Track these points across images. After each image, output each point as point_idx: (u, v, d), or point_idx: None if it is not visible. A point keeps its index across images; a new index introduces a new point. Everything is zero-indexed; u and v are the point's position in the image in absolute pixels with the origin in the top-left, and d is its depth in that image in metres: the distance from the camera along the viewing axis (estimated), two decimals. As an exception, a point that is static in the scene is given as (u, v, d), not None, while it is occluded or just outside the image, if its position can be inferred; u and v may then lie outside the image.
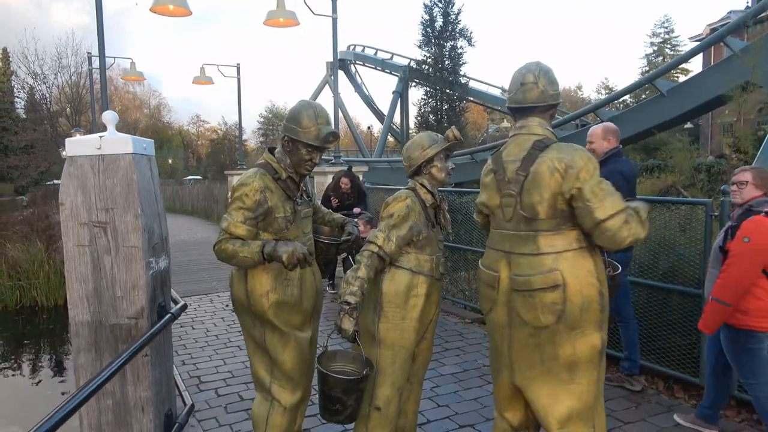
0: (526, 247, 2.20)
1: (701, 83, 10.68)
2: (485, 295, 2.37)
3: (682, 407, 3.92)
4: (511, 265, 2.24)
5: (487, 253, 2.39)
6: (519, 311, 2.21)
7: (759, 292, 3.06)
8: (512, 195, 2.23)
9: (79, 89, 38.23)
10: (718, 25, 27.11)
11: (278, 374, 2.56)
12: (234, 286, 2.55)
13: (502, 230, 2.31)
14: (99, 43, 7.43)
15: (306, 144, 2.51)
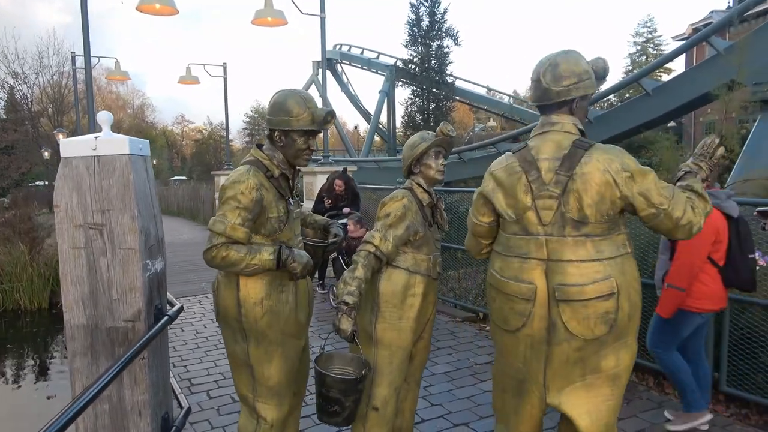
0: (574, 253, 2.00)
1: (686, 82, 10.83)
2: (514, 310, 2.07)
3: (672, 403, 3.96)
4: (554, 274, 2.01)
5: (507, 262, 2.11)
6: (567, 323, 2.01)
7: (704, 278, 3.28)
8: (553, 197, 2.02)
9: (61, 89, 37.73)
10: (700, 25, 27.48)
11: (262, 390, 2.42)
12: (220, 293, 2.38)
13: (534, 236, 2.05)
14: (84, 42, 7.34)
15: (302, 132, 2.37)
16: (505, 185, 2.12)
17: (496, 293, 2.15)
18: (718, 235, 3.25)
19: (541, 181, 2.04)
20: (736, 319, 3.86)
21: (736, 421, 3.69)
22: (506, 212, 2.13)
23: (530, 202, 2.06)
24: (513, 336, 2.11)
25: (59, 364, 10.35)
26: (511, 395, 2.24)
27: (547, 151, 2.07)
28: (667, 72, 31.66)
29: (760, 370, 3.73)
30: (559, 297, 1.99)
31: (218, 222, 2.22)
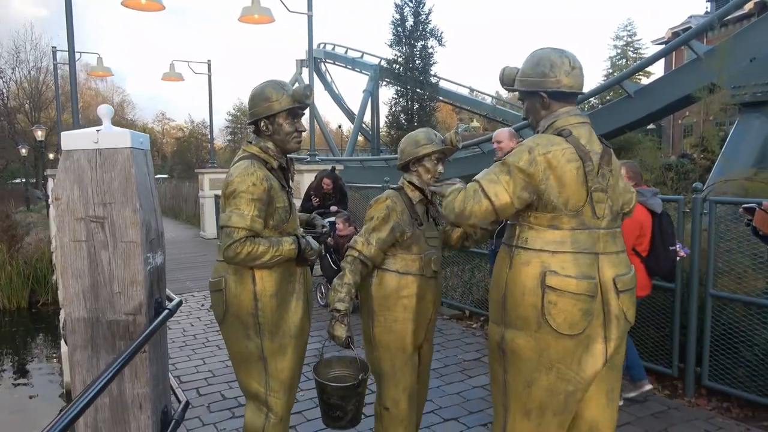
0: (616, 245, 2.06)
1: (667, 85, 11.03)
2: (582, 310, 1.94)
3: (656, 397, 4.05)
4: (607, 266, 2.01)
5: (570, 259, 1.97)
6: (627, 313, 2.04)
7: None
8: (604, 190, 2.02)
9: (39, 85, 37.06)
10: (679, 29, 27.99)
11: (275, 384, 2.45)
12: (231, 290, 2.38)
13: (590, 229, 2.00)
14: (68, 39, 7.24)
15: (287, 113, 2.40)
16: (559, 172, 1.95)
17: (558, 296, 1.93)
18: (642, 229, 3.59)
19: (594, 173, 2.00)
20: (718, 316, 3.96)
21: (718, 414, 3.79)
22: (564, 203, 1.97)
23: (587, 194, 1.98)
24: (573, 341, 1.96)
25: (40, 363, 10.19)
26: (553, 414, 2.02)
27: (593, 143, 2.05)
28: (646, 75, 32.18)
29: (741, 364, 3.84)
30: (620, 288, 2.00)
31: (236, 216, 2.21)
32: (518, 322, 2.00)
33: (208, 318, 6.42)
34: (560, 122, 2.06)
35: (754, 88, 8.91)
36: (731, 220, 4.05)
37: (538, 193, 1.97)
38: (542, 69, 2.08)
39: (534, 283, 1.96)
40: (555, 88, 2.06)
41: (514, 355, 2.02)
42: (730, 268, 3.97)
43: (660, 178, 6.54)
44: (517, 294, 1.99)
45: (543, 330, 1.95)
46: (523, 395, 2.03)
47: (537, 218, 2.00)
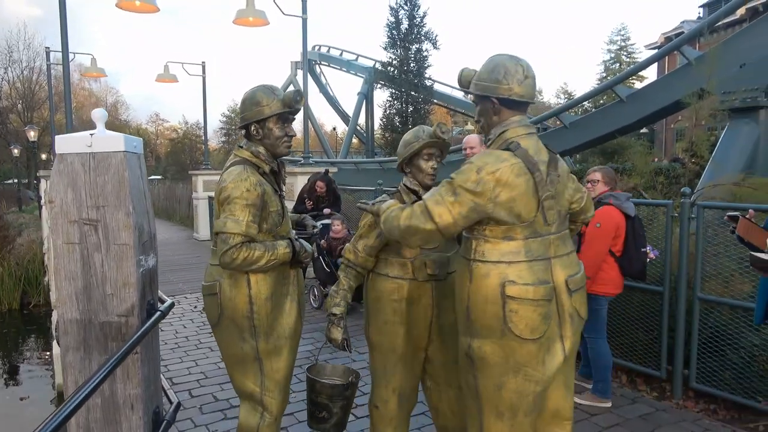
0: (566, 247, 2.18)
1: (658, 90, 11.12)
2: (541, 315, 2.03)
3: (645, 399, 4.10)
4: (560, 268, 2.11)
5: (526, 267, 2.04)
6: (579, 311, 2.16)
7: (605, 266, 3.83)
8: (553, 196, 2.12)
9: (32, 85, 36.89)
10: (672, 34, 28.19)
11: (270, 384, 2.49)
12: (225, 294, 2.40)
13: (542, 236, 2.08)
14: (62, 39, 7.24)
15: (277, 117, 2.43)
16: (509, 188, 2.01)
17: (519, 304, 2.00)
18: (618, 230, 3.81)
19: (544, 182, 2.08)
20: (705, 319, 4.02)
21: (705, 416, 3.84)
22: (517, 216, 2.03)
23: (538, 203, 2.06)
24: (536, 344, 2.04)
25: (31, 365, 10.15)
26: (524, 414, 2.11)
27: (540, 152, 2.12)
28: (639, 79, 32.39)
29: (728, 367, 3.89)
30: (572, 288, 2.11)
31: (231, 222, 2.24)
32: (483, 332, 2.07)
33: (201, 320, 6.43)
34: (509, 134, 2.12)
35: (744, 94, 9.01)
36: (719, 225, 4.10)
37: (487, 212, 2.02)
38: (496, 75, 2.13)
39: (495, 294, 2.02)
40: (506, 96, 2.12)
41: (483, 362, 2.10)
42: (717, 272, 4.03)
43: (650, 182, 6.60)
44: (480, 305, 2.06)
45: (507, 337, 2.03)
46: (494, 398, 2.11)
47: (492, 231, 2.06)
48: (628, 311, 4.48)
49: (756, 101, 8.84)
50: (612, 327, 4.56)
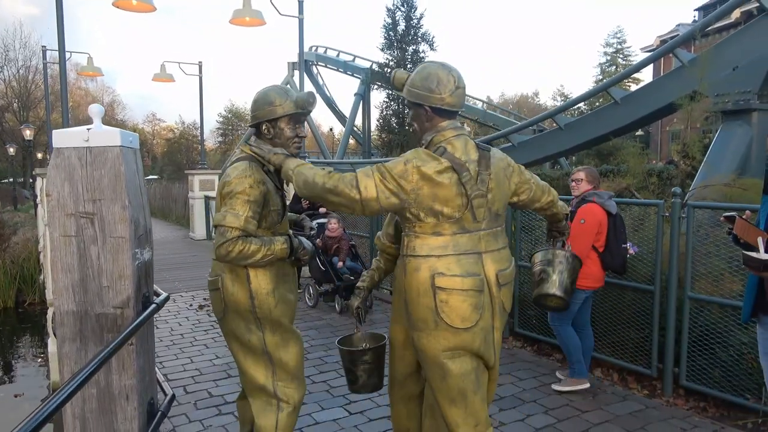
0: (497, 243, 2.30)
1: (652, 92, 11.18)
2: (472, 304, 2.16)
3: (635, 396, 4.15)
4: (491, 263, 2.23)
5: (455, 260, 2.17)
6: (505, 304, 2.30)
7: (587, 261, 3.96)
8: (483, 195, 2.22)
9: (28, 84, 36.81)
10: (667, 37, 28.31)
11: (282, 375, 2.51)
12: (227, 289, 2.41)
13: (471, 232, 2.21)
14: (59, 38, 7.25)
15: (288, 118, 2.47)
16: (432, 183, 2.13)
17: (448, 294, 2.12)
18: (600, 227, 4.00)
19: (473, 181, 2.19)
20: (695, 318, 4.06)
21: (695, 413, 3.89)
22: (440, 210, 2.15)
23: (466, 201, 2.17)
24: (469, 333, 2.16)
25: (26, 362, 10.14)
26: (473, 392, 2.26)
27: (469, 152, 2.23)
28: (635, 82, 32.53)
29: (717, 365, 3.94)
30: (501, 282, 2.26)
31: (230, 215, 2.24)
32: (420, 324, 2.19)
33: (196, 318, 6.45)
34: (438, 137, 2.24)
35: (737, 96, 9.08)
36: (710, 225, 4.15)
37: (409, 203, 2.14)
38: (429, 84, 2.23)
39: (426, 286, 2.14)
40: (438, 105, 2.23)
41: (423, 354, 2.23)
42: (707, 271, 4.07)
43: (642, 183, 6.66)
44: (414, 298, 2.18)
45: (440, 327, 2.15)
46: (442, 387, 2.23)
47: (421, 227, 2.18)
48: (619, 310, 4.53)
49: (748, 104, 8.92)
50: (603, 325, 4.61)
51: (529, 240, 5.35)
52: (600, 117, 12.79)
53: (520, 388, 4.27)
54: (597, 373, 4.59)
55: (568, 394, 4.13)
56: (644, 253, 4.44)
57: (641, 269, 4.43)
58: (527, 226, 5.33)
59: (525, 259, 5.32)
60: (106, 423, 2.03)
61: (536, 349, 5.18)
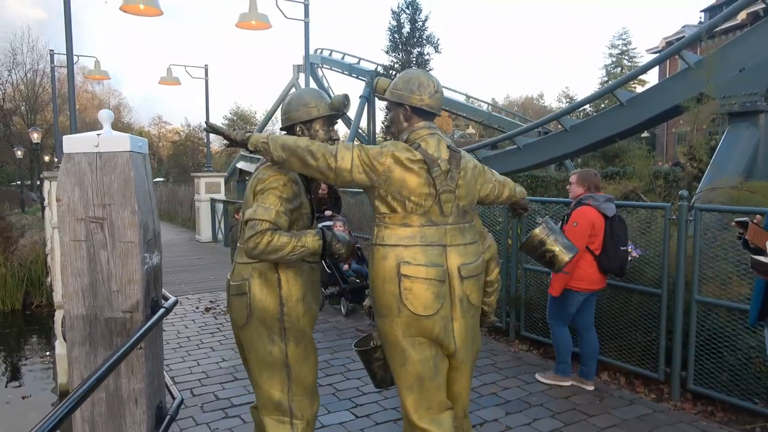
0: (464, 238, 2.42)
1: (658, 94, 11.13)
2: (434, 293, 2.28)
3: (642, 400, 4.13)
4: (454, 256, 2.35)
5: (420, 250, 2.28)
6: (470, 296, 2.41)
7: (583, 264, 4.09)
8: (451, 191, 2.37)
9: (35, 87, 37.08)
10: (673, 39, 28.23)
11: (298, 390, 2.44)
12: (255, 294, 2.35)
13: (437, 225, 2.33)
14: (67, 43, 7.31)
15: (324, 120, 2.50)
16: (403, 168, 2.28)
17: (412, 282, 2.25)
18: (594, 229, 4.07)
19: (442, 177, 2.33)
20: (703, 321, 4.05)
21: (703, 417, 3.87)
22: (407, 196, 2.27)
23: (435, 194, 2.31)
24: (430, 320, 2.30)
25: (33, 365, 10.19)
26: (430, 379, 2.38)
27: (441, 150, 2.38)
28: (641, 84, 32.43)
29: (725, 369, 3.92)
30: (464, 274, 2.36)
31: (261, 209, 2.22)
32: (384, 310, 2.33)
33: (203, 320, 6.47)
34: (414, 135, 2.42)
35: (744, 98, 9.03)
36: (717, 228, 4.14)
37: (380, 183, 2.28)
38: (411, 86, 2.44)
39: (392, 273, 2.28)
40: (418, 105, 2.43)
41: (386, 339, 2.38)
42: (715, 275, 4.05)
43: (649, 186, 6.64)
44: (379, 285, 2.31)
45: (403, 314, 2.28)
46: (401, 374, 2.37)
47: (391, 218, 2.32)
48: (626, 313, 4.52)
49: (755, 105, 8.87)
50: (610, 329, 4.60)
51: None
52: (605, 119, 12.75)
53: (527, 391, 4.27)
54: (604, 376, 4.57)
55: (575, 398, 4.12)
56: (651, 256, 4.43)
57: (648, 272, 4.41)
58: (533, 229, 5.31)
59: (530, 262, 5.31)
60: (114, 427, 2.04)
61: (542, 353, 5.17)
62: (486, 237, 2.73)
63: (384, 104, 24.18)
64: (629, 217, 4.72)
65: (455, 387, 2.53)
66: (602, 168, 20.48)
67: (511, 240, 5.43)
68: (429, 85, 2.44)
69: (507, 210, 5.43)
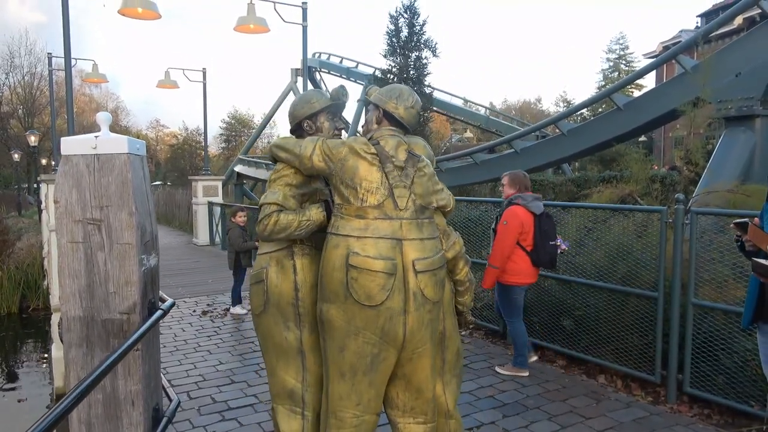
0: (421, 233, 2.46)
1: (655, 98, 11.16)
2: (379, 285, 2.33)
3: (639, 404, 4.14)
4: (409, 250, 2.39)
5: (371, 242, 2.36)
6: (424, 290, 2.41)
7: (516, 259, 4.48)
8: (406, 186, 2.46)
9: (33, 90, 37.05)
10: (670, 43, 28.34)
11: (311, 379, 2.52)
12: (272, 281, 2.49)
13: (392, 219, 2.40)
14: (65, 46, 7.31)
15: (327, 111, 2.70)
16: (357, 158, 2.42)
17: (359, 273, 2.32)
18: (524, 227, 4.43)
19: (396, 174, 2.45)
20: (699, 324, 4.06)
21: (699, 420, 3.88)
22: (358, 184, 2.39)
23: (388, 190, 2.42)
24: (374, 311, 2.34)
25: (29, 368, 10.16)
26: (363, 373, 2.41)
27: (398, 152, 2.50)
28: (638, 88, 32.54)
29: (721, 372, 3.93)
30: (419, 269, 2.39)
31: (269, 194, 2.45)
32: (331, 296, 2.38)
33: (200, 323, 6.47)
34: (376, 134, 2.59)
35: (740, 103, 9.08)
36: (713, 231, 4.15)
37: (336, 170, 2.43)
38: (391, 94, 2.64)
39: (341, 262, 2.35)
40: (391, 111, 2.61)
41: (329, 324, 2.40)
42: (711, 278, 4.07)
43: (645, 189, 6.67)
44: (328, 271, 2.38)
45: (349, 301, 2.34)
46: (337, 359, 2.41)
47: (347, 209, 2.41)
48: (622, 316, 4.53)
49: (751, 110, 8.91)
50: (607, 331, 4.61)
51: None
52: (603, 123, 12.77)
53: (524, 394, 4.27)
54: (601, 379, 4.58)
55: (572, 401, 4.13)
56: (647, 259, 4.44)
57: (645, 276, 4.43)
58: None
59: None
60: (111, 428, 2.04)
61: (540, 356, 5.17)
62: (450, 235, 2.74)
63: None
64: (625, 220, 4.74)
65: (414, 380, 2.55)
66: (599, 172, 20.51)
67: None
68: (408, 99, 2.62)
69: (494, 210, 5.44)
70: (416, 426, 2.60)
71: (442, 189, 2.74)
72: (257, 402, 4.14)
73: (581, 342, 4.81)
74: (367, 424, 2.47)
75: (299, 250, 2.53)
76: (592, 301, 4.75)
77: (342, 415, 2.42)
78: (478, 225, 5.87)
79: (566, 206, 5.39)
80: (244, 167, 25.59)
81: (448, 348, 2.78)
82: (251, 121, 52.43)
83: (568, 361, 4.97)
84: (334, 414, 2.43)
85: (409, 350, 2.46)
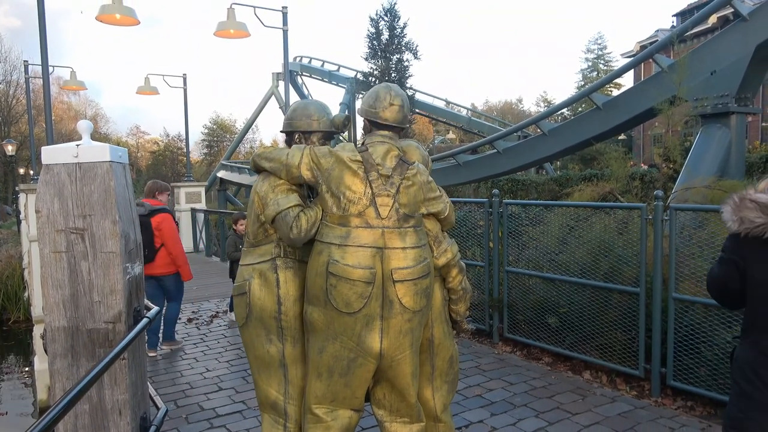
0: (404, 242, 2.46)
1: (633, 97, 11.33)
2: (357, 293, 2.36)
3: (624, 398, 4.19)
4: (390, 259, 2.41)
5: (350, 251, 2.38)
6: (402, 299, 2.42)
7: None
8: (390, 195, 2.45)
9: (9, 98, 36.42)
10: (647, 43, 28.77)
11: (293, 391, 2.54)
12: (254, 293, 2.50)
13: (373, 228, 2.41)
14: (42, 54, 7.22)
15: (321, 134, 2.67)
16: (343, 166, 2.44)
17: (337, 280, 2.36)
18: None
19: (380, 182, 2.45)
20: (680, 318, 4.13)
21: (683, 412, 3.94)
22: (342, 193, 2.41)
23: (371, 198, 2.43)
24: (351, 318, 2.38)
25: (10, 381, 9.99)
26: (339, 375, 2.46)
27: (386, 159, 2.50)
28: (617, 87, 32.94)
29: (703, 364, 4.00)
30: (396, 278, 2.41)
31: (282, 199, 2.45)
32: (314, 300, 2.44)
33: (186, 331, 6.42)
34: (367, 141, 2.59)
35: (715, 100, 9.25)
36: (692, 227, 4.23)
37: (323, 179, 2.46)
38: (369, 101, 2.64)
39: (322, 269, 2.40)
40: (373, 119, 2.61)
41: (312, 326, 2.46)
42: (691, 272, 4.14)
43: (625, 187, 6.76)
44: (312, 277, 2.44)
45: (328, 307, 2.39)
46: (316, 360, 2.46)
47: (331, 217, 2.45)
48: (606, 312, 4.58)
49: (727, 107, 9.07)
50: (591, 327, 4.67)
51: (516, 245, 5.41)
52: (583, 122, 12.93)
53: (511, 392, 4.31)
54: (586, 375, 4.63)
55: (558, 397, 4.17)
56: (629, 255, 4.51)
57: (627, 272, 4.49)
58: (513, 232, 5.39)
59: (512, 264, 5.37)
60: (99, 438, 2.02)
61: (526, 354, 5.22)
62: (442, 242, 2.72)
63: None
64: (606, 218, 4.80)
65: (396, 384, 2.58)
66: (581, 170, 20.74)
67: (492, 243, 5.48)
68: (385, 98, 2.59)
69: (487, 213, 5.49)
70: (402, 426, 2.64)
71: (439, 196, 2.70)
72: (245, 408, 4.12)
73: (566, 339, 4.86)
74: (342, 418, 2.51)
75: (282, 263, 2.53)
76: (576, 298, 4.81)
77: (317, 412, 2.48)
78: (462, 226, 5.91)
79: (548, 205, 5.45)
80: (227, 173, 25.44)
81: (437, 354, 2.77)
82: (233, 126, 52.10)
83: (553, 358, 5.02)
84: (310, 410, 2.50)
85: (388, 358, 2.48)
